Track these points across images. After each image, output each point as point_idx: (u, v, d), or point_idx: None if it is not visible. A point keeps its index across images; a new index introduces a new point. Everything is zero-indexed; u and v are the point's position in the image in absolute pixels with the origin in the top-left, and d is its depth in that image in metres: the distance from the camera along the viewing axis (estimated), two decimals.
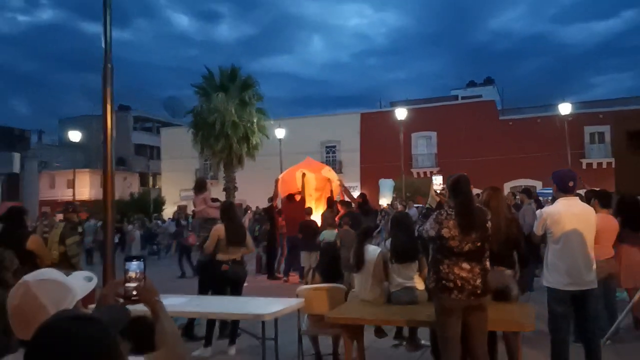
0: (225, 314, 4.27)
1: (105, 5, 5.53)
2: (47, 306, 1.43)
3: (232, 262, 5.80)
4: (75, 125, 33.31)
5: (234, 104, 23.41)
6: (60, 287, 1.50)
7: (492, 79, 49.61)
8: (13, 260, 4.87)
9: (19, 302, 1.45)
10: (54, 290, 1.47)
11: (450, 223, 3.43)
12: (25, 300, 1.44)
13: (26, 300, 1.44)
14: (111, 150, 5.43)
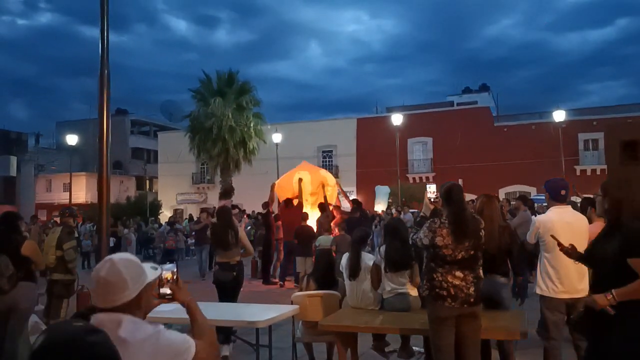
0: (219, 321, 4.28)
1: (103, 10, 5.54)
2: (128, 280, 1.69)
3: (219, 266, 5.94)
4: (72, 128, 33.23)
5: (231, 108, 23.45)
6: (139, 267, 1.76)
7: (487, 86, 49.87)
8: (8, 266, 4.88)
9: (106, 274, 1.69)
10: (134, 269, 1.74)
11: (443, 231, 3.45)
12: (111, 273, 1.68)
13: (112, 273, 1.68)
14: (107, 154, 5.43)
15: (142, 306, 1.78)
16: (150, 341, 1.67)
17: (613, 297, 2.60)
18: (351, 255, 4.73)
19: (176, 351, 1.73)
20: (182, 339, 1.77)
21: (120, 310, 1.70)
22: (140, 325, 1.71)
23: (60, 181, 40.32)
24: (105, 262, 1.73)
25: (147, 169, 45.10)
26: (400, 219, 6.42)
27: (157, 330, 1.72)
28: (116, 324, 1.65)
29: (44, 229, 14.31)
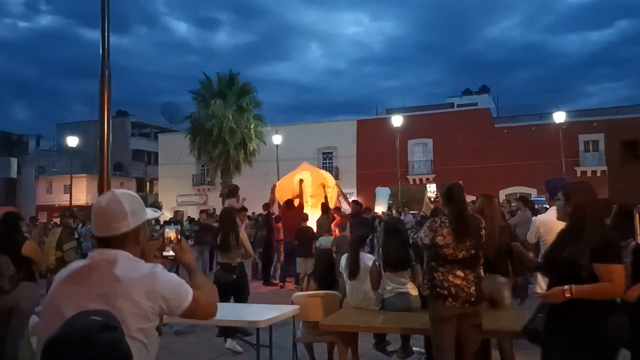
0: (219, 321, 4.28)
1: (104, 12, 5.57)
2: (127, 211, 1.72)
3: (220, 266, 6.08)
4: (73, 130, 33.26)
5: (232, 110, 23.48)
6: (139, 202, 1.80)
7: (487, 87, 49.88)
8: (9, 266, 4.88)
9: (106, 204, 1.73)
10: (135, 202, 1.78)
11: (444, 231, 3.45)
12: (112, 203, 1.73)
13: (112, 203, 1.73)
14: (107, 156, 5.45)
15: (140, 242, 1.79)
16: (145, 280, 1.65)
17: (572, 293, 2.57)
18: (350, 255, 4.73)
19: (172, 293, 1.71)
20: (180, 283, 1.76)
21: (118, 241, 1.72)
22: (136, 264, 1.71)
23: (60, 183, 40.34)
24: (106, 193, 1.78)
25: (148, 171, 45.15)
26: (399, 219, 6.43)
27: (154, 270, 1.70)
28: (111, 263, 1.66)
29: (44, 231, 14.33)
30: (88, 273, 1.67)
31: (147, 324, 1.64)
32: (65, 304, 1.60)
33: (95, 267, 1.68)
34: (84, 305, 1.52)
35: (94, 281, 1.64)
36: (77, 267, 1.73)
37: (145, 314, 1.63)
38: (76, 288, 1.64)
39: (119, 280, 1.62)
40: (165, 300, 1.68)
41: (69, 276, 1.70)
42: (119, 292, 1.60)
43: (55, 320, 1.53)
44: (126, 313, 1.58)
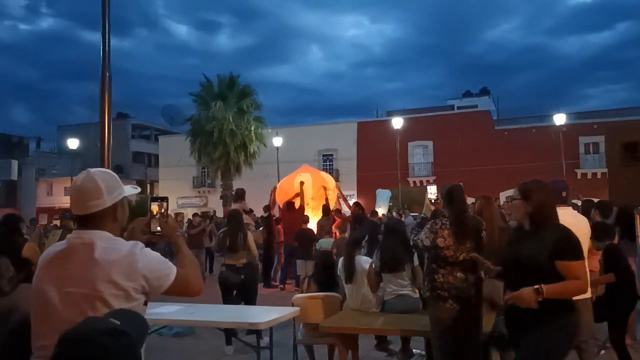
0: (220, 323, 4.28)
1: (104, 14, 5.58)
2: (102, 189, 1.73)
3: (226, 267, 6.15)
4: (73, 132, 33.30)
5: (232, 112, 23.49)
6: (115, 179, 1.80)
7: (487, 90, 49.85)
8: (8, 268, 4.88)
9: (81, 182, 1.74)
10: (110, 180, 1.78)
11: (445, 232, 3.45)
12: (86, 181, 1.74)
13: (87, 181, 1.74)
14: (108, 158, 5.45)
15: (118, 219, 1.80)
16: (124, 261, 1.66)
17: (542, 293, 2.56)
18: (345, 259, 4.71)
19: (153, 272, 1.71)
20: (161, 261, 1.76)
21: (95, 219, 1.72)
22: (115, 244, 1.71)
23: (61, 185, 40.34)
24: (81, 173, 1.78)
25: (148, 173, 45.16)
26: (400, 220, 6.43)
27: (133, 250, 1.70)
28: (88, 246, 1.67)
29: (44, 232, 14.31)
30: (67, 257, 1.69)
31: (131, 303, 1.65)
32: (49, 289, 1.65)
33: (74, 250, 1.69)
34: (67, 289, 1.61)
35: (73, 265, 1.66)
36: (56, 251, 1.75)
37: (127, 294, 1.64)
38: (58, 272, 1.67)
39: (97, 263, 1.64)
40: (146, 279, 1.68)
41: (51, 260, 1.73)
42: (98, 274, 1.62)
43: (46, 305, 1.64)
44: (107, 295, 1.60)
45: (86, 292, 1.60)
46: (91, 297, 1.60)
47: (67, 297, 1.62)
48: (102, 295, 1.60)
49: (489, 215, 4.13)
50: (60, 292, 1.63)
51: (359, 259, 4.69)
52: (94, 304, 1.59)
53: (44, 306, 1.65)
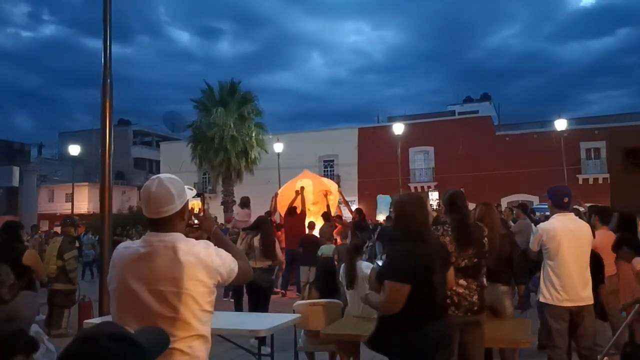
0: (221, 330, 4.26)
1: (105, 22, 5.59)
2: (174, 195, 1.93)
3: (258, 270, 6.37)
4: (75, 139, 33.36)
5: (233, 118, 23.52)
6: (181, 185, 2.00)
7: (488, 95, 49.95)
8: (9, 275, 4.87)
9: (155, 189, 1.93)
10: (178, 186, 1.98)
11: (446, 239, 3.43)
12: (160, 188, 1.93)
13: (160, 188, 1.93)
14: (109, 165, 5.45)
15: (185, 219, 2.02)
16: (203, 261, 1.89)
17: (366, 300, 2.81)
18: (346, 264, 4.70)
19: (225, 267, 1.96)
20: (229, 257, 2.00)
21: (168, 221, 1.93)
22: (193, 245, 1.93)
23: (62, 191, 40.37)
24: (153, 179, 1.98)
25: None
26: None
27: (208, 250, 1.93)
28: (171, 249, 1.88)
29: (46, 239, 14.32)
30: (151, 258, 1.88)
31: (212, 297, 1.93)
32: (138, 287, 1.85)
33: (157, 252, 1.89)
34: (158, 288, 1.83)
35: (159, 265, 1.86)
36: (139, 252, 1.92)
37: (210, 290, 1.91)
38: (145, 272, 1.87)
39: (182, 264, 1.85)
40: (221, 275, 1.94)
41: (134, 260, 1.91)
42: (185, 275, 1.84)
43: (134, 300, 1.85)
44: (195, 292, 1.85)
45: (176, 290, 1.82)
46: (181, 294, 1.83)
47: (159, 295, 1.83)
48: (190, 292, 1.84)
49: (489, 222, 4.11)
50: (150, 290, 1.84)
51: (359, 264, 4.68)
52: (184, 300, 1.83)
53: (132, 301, 1.86)
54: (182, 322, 1.83)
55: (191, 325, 1.84)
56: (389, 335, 2.86)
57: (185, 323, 1.83)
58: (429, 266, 2.81)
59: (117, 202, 36.25)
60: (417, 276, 2.76)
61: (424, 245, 2.85)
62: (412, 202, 2.98)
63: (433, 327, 2.81)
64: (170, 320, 1.82)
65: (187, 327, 1.84)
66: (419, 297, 2.76)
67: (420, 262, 2.80)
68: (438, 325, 2.85)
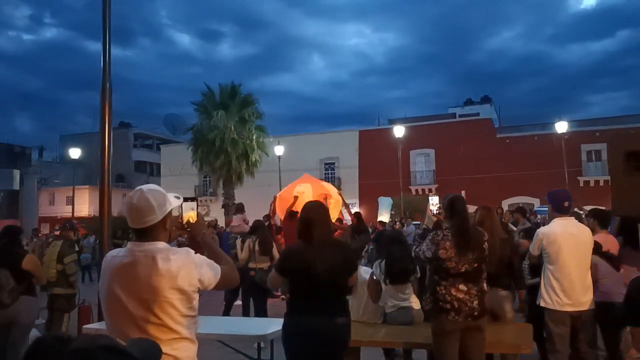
0: (222, 335, 4.24)
1: (105, 26, 5.59)
2: (155, 206, 2.02)
3: (259, 270, 6.93)
4: (76, 142, 33.42)
5: (234, 121, 23.53)
6: (163, 195, 2.08)
7: (489, 98, 49.91)
8: (9, 280, 4.86)
9: (137, 201, 2.03)
10: (160, 197, 2.06)
11: (447, 244, 3.42)
12: (141, 200, 2.03)
13: (141, 201, 2.03)
14: (108, 169, 5.44)
15: (167, 228, 2.11)
16: (183, 269, 1.99)
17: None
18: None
19: (206, 274, 2.04)
20: (210, 264, 2.09)
21: (150, 230, 2.03)
22: (172, 254, 2.02)
23: (63, 194, 40.41)
24: (136, 191, 2.08)
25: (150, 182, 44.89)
26: (399, 231, 6.46)
27: (189, 258, 2.02)
28: (151, 258, 1.99)
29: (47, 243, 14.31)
30: (133, 267, 1.99)
31: (193, 303, 2.02)
32: (122, 294, 1.97)
33: (139, 261, 1.99)
34: (140, 295, 1.94)
35: (140, 275, 1.97)
36: (123, 262, 2.02)
37: (190, 297, 2.00)
38: (128, 280, 1.98)
39: (162, 274, 1.95)
40: (201, 282, 2.03)
41: (118, 269, 2.02)
42: (164, 284, 1.95)
43: (121, 308, 1.97)
44: (174, 299, 1.96)
45: (156, 298, 1.94)
46: (161, 302, 1.94)
47: (142, 302, 1.95)
48: (169, 300, 1.95)
49: (489, 226, 4.10)
50: (133, 297, 1.96)
51: (359, 269, 4.65)
52: (164, 308, 1.95)
53: (119, 307, 1.99)
54: (164, 327, 1.96)
55: (173, 330, 1.97)
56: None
57: (167, 327, 1.96)
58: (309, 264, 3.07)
59: (118, 205, 36.18)
60: (292, 271, 3.17)
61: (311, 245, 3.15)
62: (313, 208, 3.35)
63: (297, 318, 3.13)
64: (153, 325, 1.95)
65: (169, 331, 1.97)
66: (297, 290, 3.18)
67: (300, 258, 3.13)
68: (306, 318, 3.08)
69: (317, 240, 3.15)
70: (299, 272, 3.14)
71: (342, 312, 3.19)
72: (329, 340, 3.11)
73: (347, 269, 3.22)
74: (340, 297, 3.25)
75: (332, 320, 3.10)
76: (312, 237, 3.17)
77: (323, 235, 3.19)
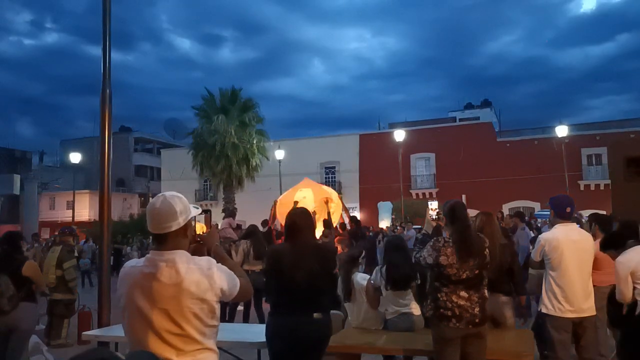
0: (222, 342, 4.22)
1: (105, 32, 5.58)
2: (177, 212, 2.01)
3: (251, 272, 7.03)
4: (76, 146, 33.41)
5: (234, 125, 23.56)
6: (185, 203, 2.08)
7: (489, 102, 49.96)
8: (9, 286, 4.85)
9: (160, 206, 2.01)
10: (182, 203, 2.05)
11: (448, 250, 3.40)
12: (164, 205, 2.01)
13: (164, 205, 2.01)
14: (108, 173, 5.43)
15: (188, 236, 2.09)
16: (204, 279, 1.96)
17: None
18: (342, 276, 4.65)
19: (227, 285, 2.02)
20: (231, 275, 2.07)
21: (171, 237, 2.00)
22: (194, 263, 1.99)
23: (64, 199, 40.40)
24: (158, 197, 2.07)
25: (151, 186, 45.19)
26: (400, 236, 6.43)
27: (210, 268, 2.00)
28: (174, 269, 1.95)
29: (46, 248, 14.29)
30: (155, 277, 1.95)
31: (216, 312, 2.00)
32: (144, 305, 1.94)
33: (160, 271, 1.96)
34: (161, 306, 1.91)
35: (162, 285, 1.94)
36: (143, 272, 1.99)
37: (212, 307, 1.98)
38: (149, 291, 1.94)
39: (184, 284, 1.92)
40: (223, 292, 2.01)
41: (140, 279, 1.98)
42: (187, 294, 1.92)
43: (142, 318, 1.94)
44: (197, 310, 1.93)
45: (179, 309, 1.91)
46: (185, 312, 1.92)
47: (163, 312, 1.92)
48: (193, 310, 1.93)
49: (490, 232, 4.08)
50: (155, 308, 1.92)
51: (355, 276, 4.63)
52: (188, 318, 1.92)
53: (140, 318, 1.96)
54: (187, 338, 1.93)
55: (196, 340, 1.94)
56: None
57: (190, 338, 1.93)
58: (292, 263, 3.22)
59: (118, 209, 36.27)
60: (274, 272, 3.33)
61: (293, 249, 3.29)
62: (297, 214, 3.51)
63: (279, 318, 3.27)
64: (176, 336, 1.92)
65: (192, 342, 1.93)
66: (278, 291, 3.33)
67: (281, 259, 3.27)
68: (285, 319, 3.22)
69: (300, 243, 3.30)
70: (280, 274, 3.29)
71: (318, 309, 3.29)
72: (307, 337, 3.23)
73: (326, 273, 3.34)
74: (319, 298, 3.33)
75: (308, 317, 3.22)
76: (295, 240, 3.32)
77: (305, 239, 3.33)
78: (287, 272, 3.23)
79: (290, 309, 3.23)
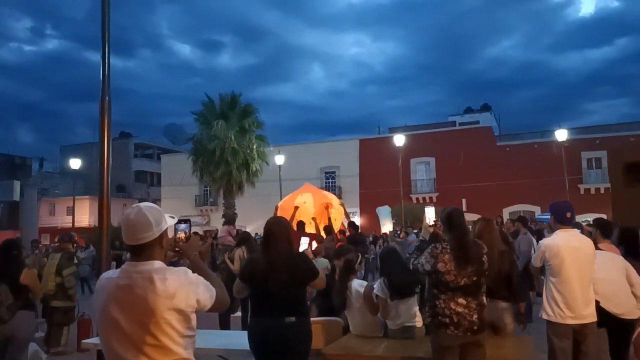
0: (219, 350, 4.20)
1: (104, 38, 5.59)
2: (152, 223, 2.02)
3: None
4: (76, 152, 33.43)
5: (234, 131, 23.57)
6: (160, 213, 2.08)
7: (489, 106, 49.96)
8: (7, 295, 4.83)
9: (134, 217, 2.02)
10: (157, 214, 2.06)
11: (445, 257, 3.39)
12: (138, 216, 2.02)
13: (139, 216, 2.02)
14: (107, 180, 5.41)
15: (163, 246, 2.09)
16: (181, 290, 1.96)
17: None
18: (338, 286, 4.62)
19: (203, 296, 2.02)
20: (207, 286, 2.07)
21: (146, 248, 2.01)
22: (169, 274, 1.98)
23: (63, 205, 40.39)
24: (133, 208, 2.06)
25: (151, 192, 45.19)
26: (394, 247, 6.42)
27: (187, 280, 2.00)
28: (150, 281, 1.95)
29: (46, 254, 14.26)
30: (131, 289, 1.95)
31: (191, 323, 2.00)
32: (120, 316, 1.94)
33: (135, 283, 1.96)
34: (137, 318, 1.91)
35: (137, 297, 1.93)
36: (118, 284, 1.99)
37: (188, 317, 1.97)
38: (124, 303, 1.95)
39: (159, 295, 1.92)
40: (198, 302, 2.01)
41: (114, 291, 1.98)
42: (163, 305, 1.92)
43: (117, 330, 1.94)
44: (173, 320, 1.93)
45: (154, 319, 1.91)
46: (160, 323, 1.92)
47: (139, 324, 1.92)
48: (168, 321, 1.93)
49: (489, 239, 4.06)
50: (131, 319, 1.93)
51: (352, 284, 4.60)
52: (162, 329, 1.92)
53: (115, 329, 1.96)
54: (163, 348, 1.93)
55: (172, 351, 1.94)
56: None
57: (166, 349, 1.94)
58: (264, 271, 3.39)
59: (118, 215, 36.06)
60: (250, 278, 3.49)
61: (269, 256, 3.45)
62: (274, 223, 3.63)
63: (253, 320, 3.48)
64: (152, 347, 1.92)
65: (168, 352, 1.94)
66: (254, 296, 3.51)
67: (255, 268, 3.46)
68: (259, 321, 3.41)
69: (274, 251, 3.45)
70: (255, 280, 3.47)
71: (292, 314, 3.39)
72: (277, 339, 3.33)
73: (298, 279, 3.47)
74: (293, 303, 3.44)
75: (280, 320, 3.35)
76: (269, 250, 3.48)
77: (279, 249, 3.46)
78: (261, 280, 3.41)
79: (264, 313, 3.42)
